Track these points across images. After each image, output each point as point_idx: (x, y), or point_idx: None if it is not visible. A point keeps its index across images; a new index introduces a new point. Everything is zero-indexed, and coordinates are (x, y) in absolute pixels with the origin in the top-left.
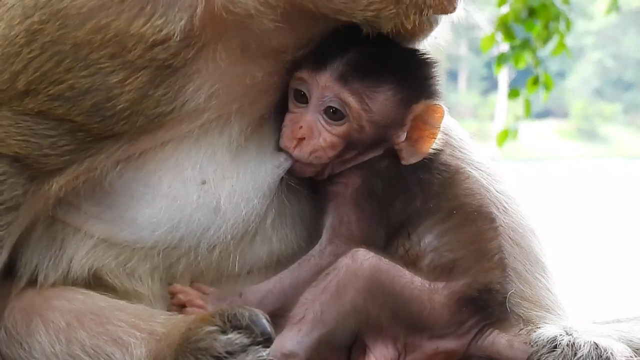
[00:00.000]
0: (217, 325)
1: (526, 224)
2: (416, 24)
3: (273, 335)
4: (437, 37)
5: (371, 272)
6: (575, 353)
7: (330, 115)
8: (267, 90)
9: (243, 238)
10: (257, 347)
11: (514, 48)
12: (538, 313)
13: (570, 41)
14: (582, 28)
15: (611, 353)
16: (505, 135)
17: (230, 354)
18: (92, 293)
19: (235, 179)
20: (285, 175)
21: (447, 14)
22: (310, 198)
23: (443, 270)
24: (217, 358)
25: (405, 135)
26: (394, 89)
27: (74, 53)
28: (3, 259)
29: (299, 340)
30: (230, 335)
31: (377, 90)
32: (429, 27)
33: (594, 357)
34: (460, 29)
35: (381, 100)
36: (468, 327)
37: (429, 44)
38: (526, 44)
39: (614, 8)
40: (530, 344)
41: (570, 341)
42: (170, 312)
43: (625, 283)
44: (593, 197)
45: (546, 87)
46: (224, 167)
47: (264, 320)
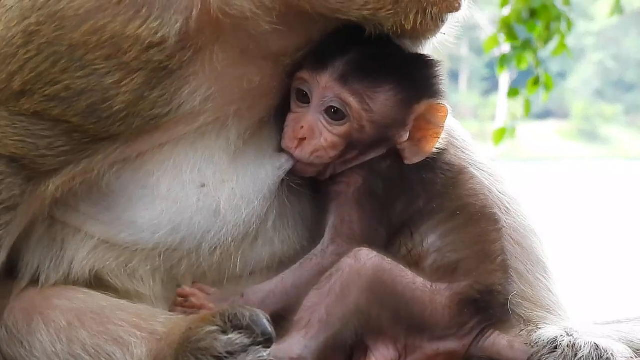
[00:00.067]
0: (217, 325)
1: (527, 225)
2: (418, 23)
3: (274, 335)
4: (445, 33)
5: (374, 272)
6: (576, 354)
7: (331, 115)
8: (267, 93)
9: (244, 240)
10: (257, 347)
11: (515, 49)
12: (539, 313)
13: (571, 42)
14: (583, 29)
15: (612, 354)
16: (502, 133)
17: (231, 354)
18: (93, 292)
19: (235, 181)
20: (286, 176)
21: (453, 11)
22: (311, 199)
23: (445, 271)
24: (218, 358)
25: (408, 135)
26: (395, 89)
27: (69, 54)
28: (2, 259)
29: (307, 344)
30: (230, 335)
31: (377, 90)
32: (434, 26)
33: (595, 358)
34: (461, 29)
35: (382, 100)
36: (469, 329)
37: (435, 43)
38: (527, 45)
39: (618, 10)
40: (530, 344)
41: (570, 342)
42: (171, 312)
43: (626, 284)
44: (594, 198)
45: (546, 88)
46: (223, 170)
47: (265, 321)
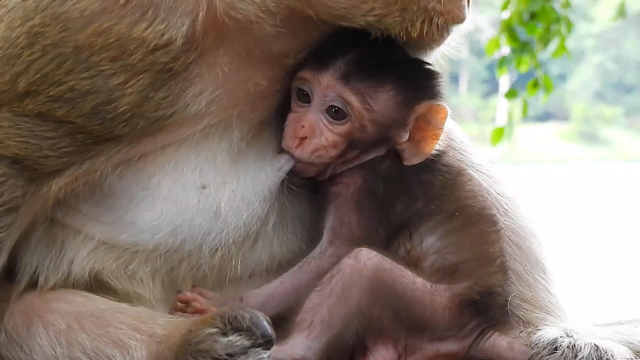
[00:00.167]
0: (217, 328)
1: (526, 226)
2: (424, 32)
3: (274, 337)
4: (448, 44)
5: (374, 272)
6: (576, 355)
7: (332, 115)
8: (269, 95)
9: (245, 242)
10: (257, 349)
11: (515, 51)
12: (538, 315)
13: (571, 44)
14: (583, 31)
15: (612, 355)
16: (500, 133)
17: (231, 356)
18: (93, 295)
19: (235, 183)
20: (286, 178)
21: (459, 22)
22: (311, 200)
23: (445, 272)
24: None
25: (408, 136)
26: (396, 89)
27: (74, 56)
28: (2, 261)
29: (309, 345)
30: (230, 338)
31: (379, 90)
32: (439, 36)
33: (595, 359)
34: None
35: (383, 100)
36: (469, 330)
37: (439, 52)
38: (527, 47)
39: (621, 13)
40: (530, 346)
41: (570, 343)
42: (170, 315)
43: (626, 285)
44: (594, 200)
45: (546, 90)
46: (224, 172)
47: (265, 322)
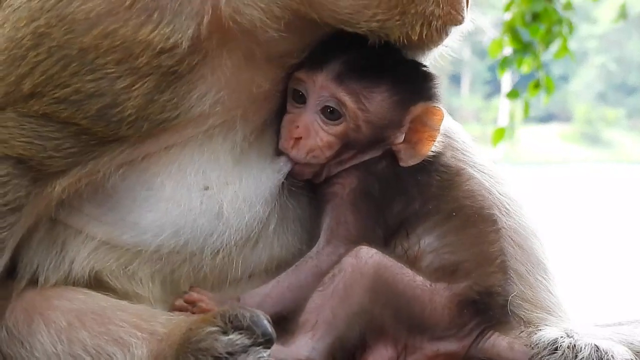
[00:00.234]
0: (218, 326)
1: (528, 226)
2: (423, 35)
3: (274, 336)
4: (447, 45)
5: (375, 270)
6: (576, 355)
7: (327, 115)
8: (271, 96)
9: (246, 243)
10: (258, 347)
11: (517, 52)
12: (539, 315)
13: (574, 45)
14: (586, 32)
15: (612, 355)
16: (501, 133)
17: (231, 354)
18: (93, 293)
19: (237, 184)
20: (286, 180)
21: (457, 24)
22: (311, 202)
23: (444, 272)
24: (218, 359)
25: (404, 137)
26: (391, 90)
27: (80, 58)
28: (5, 260)
29: (314, 346)
30: (231, 336)
31: (374, 91)
32: (437, 38)
33: None
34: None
35: (378, 100)
36: (469, 330)
37: (436, 54)
38: (529, 48)
39: (623, 15)
40: (531, 346)
41: (571, 343)
42: (171, 313)
43: (627, 286)
44: (596, 201)
45: (547, 91)
46: (227, 173)
47: (265, 321)
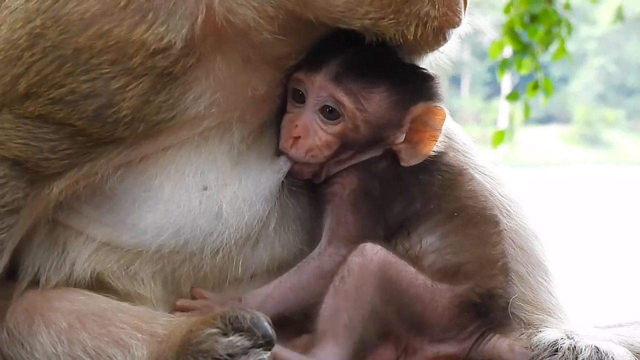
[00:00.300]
0: (218, 328)
1: (529, 228)
2: (418, 36)
3: (274, 337)
4: (443, 52)
5: (380, 267)
6: (577, 357)
7: (326, 115)
8: (269, 98)
9: (246, 243)
10: (258, 349)
11: (516, 53)
12: (539, 316)
13: (573, 47)
14: (585, 34)
15: (612, 357)
16: (501, 136)
17: (232, 356)
18: (94, 294)
19: (237, 185)
20: (286, 179)
21: (454, 26)
22: (311, 201)
23: (446, 273)
24: None
25: (405, 137)
26: (390, 90)
27: (74, 58)
28: (4, 262)
29: (339, 353)
30: (231, 338)
31: (372, 91)
32: (434, 40)
33: None
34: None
35: (376, 100)
36: (469, 332)
37: (435, 57)
38: (527, 49)
39: (619, 17)
40: (531, 347)
41: (571, 345)
42: (172, 314)
43: (627, 288)
44: (596, 202)
45: (546, 92)
46: (225, 174)
47: (266, 323)
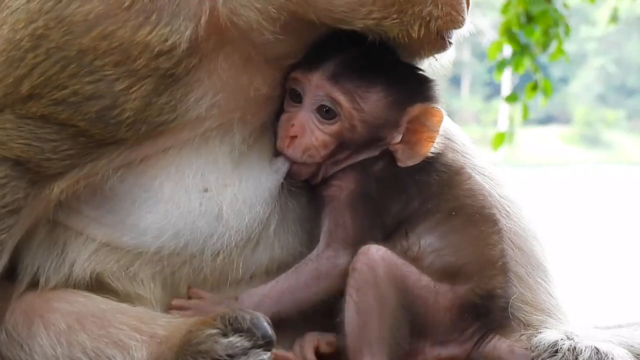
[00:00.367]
0: (218, 328)
1: (528, 228)
2: (421, 36)
3: (274, 338)
4: (438, 59)
5: (387, 268)
6: (576, 357)
7: (322, 114)
8: (270, 99)
9: (246, 245)
10: (258, 350)
11: (514, 54)
12: (539, 317)
13: (573, 47)
14: (585, 34)
15: (612, 358)
16: (500, 138)
17: (231, 357)
18: (93, 295)
19: (237, 186)
20: (285, 180)
21: (457, 26)
22: (311, 202)
23: (445, 273)
24: None
25: (402, 137)
26: (387, 90)
27: (78, 59)
28: (4, 262)
29: None
30: (231, 338)
31: (369, 90)
32: (436, 40)
33: None
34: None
35: (373, 100)
36: (470, 334)
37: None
38: (526, 50)
39: (614, 19)
40: (531, 348)
41: (571, 346)
42: (171, 315)
43: (627, 288)
44: (596, 202)
45: (545, 93)
46: (226, 175)
47: (265, 324)
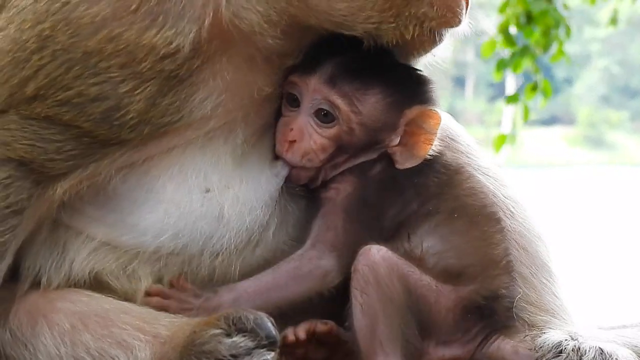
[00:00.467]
0: (221, 329)
1: (533, 229)
2: (416, 36)
3: (278, 338)
4: (436, 55)
5: (389, 268)
6: (581, 358)
7: (320, 118)
8: (272, 99)
9: (246, 247)
10: (261, 350)
11: (515, 54)
12: (543, 317)
13: (577, 48)
14: (589, 35)
15: (616, 358)
16: (502, 140)
17: (235, 357)
18: (97, 295)
19: (238, 187)
20: (285, 184)
21: (453, 26)
22: (309, 205)
23: (448, 274)
24: None
25: (400, 140)
26: (384, 92)
27: (83, 61)
28: (8, 262)
29: None
30: (235, 339)
31: (367, 93)
32: (429, 42)
33: None
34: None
35: (371, 103)
36: (474, 335)
37: (428, 61)
38: (526, 50)
39: (614, 21)
40: (535, 349)
41: (575, 346)
42: (174, 315)
43: (631, 289)
44: (599, 204)
45: (545, 94)
46: (228, 176)
47: (269, 324)
